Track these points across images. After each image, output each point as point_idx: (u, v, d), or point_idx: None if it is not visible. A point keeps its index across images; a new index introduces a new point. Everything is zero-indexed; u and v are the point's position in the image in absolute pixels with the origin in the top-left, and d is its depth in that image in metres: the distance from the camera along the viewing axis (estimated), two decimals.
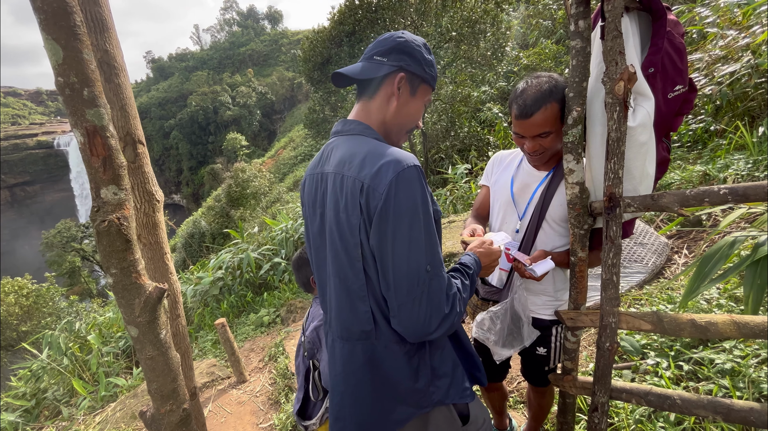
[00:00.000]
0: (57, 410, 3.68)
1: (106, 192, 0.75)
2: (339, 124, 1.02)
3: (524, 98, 1.15)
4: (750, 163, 2.90)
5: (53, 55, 0.66)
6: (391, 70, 0.94)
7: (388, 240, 0.82)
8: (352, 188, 0.85)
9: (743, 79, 3.38)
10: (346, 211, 0.86)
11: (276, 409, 2.69)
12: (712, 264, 1.13)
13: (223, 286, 5.28)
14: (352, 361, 0.93)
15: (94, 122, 0.71)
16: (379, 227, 0.82)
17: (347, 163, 0.89)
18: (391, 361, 0.91)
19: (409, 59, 0.95)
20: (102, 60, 1.21)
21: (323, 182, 0.97)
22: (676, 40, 1.05)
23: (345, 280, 0.91)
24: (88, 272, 30.84)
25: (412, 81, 0.97)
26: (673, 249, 2.86)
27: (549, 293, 1.36)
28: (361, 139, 0.93)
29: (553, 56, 7.66)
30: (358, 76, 0.94)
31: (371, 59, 0.96)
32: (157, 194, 1.37)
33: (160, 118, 63.67)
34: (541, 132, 1.16)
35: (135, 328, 0.84)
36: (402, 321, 0.85)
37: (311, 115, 11.12)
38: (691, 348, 1.89)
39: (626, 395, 1.18)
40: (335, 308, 0.95)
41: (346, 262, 0.89)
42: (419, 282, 0.82)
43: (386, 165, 0.83)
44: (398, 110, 0.97)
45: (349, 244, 0.87)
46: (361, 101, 1.00)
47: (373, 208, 0.82)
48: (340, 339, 0.96)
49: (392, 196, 0.81)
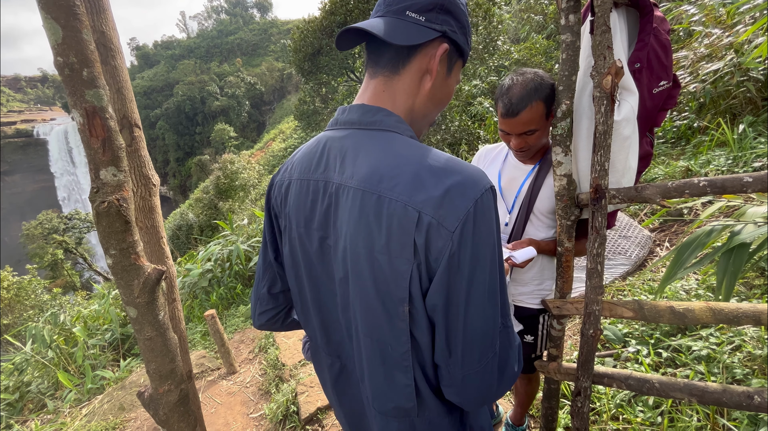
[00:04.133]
0: (42, 403, 3.62)
1: (105, 173, 0.75)
2: (354, 110, 0.70)
3: (510, 96, 1.16)
4: (730, 159, 3.00)
5: (52, 35, 0.66)
6: (432, 37, 0.65)
7: (460, 297, 0.59)
8: (401, 219, 0.58)
9: (726, 78, 3.48)
10: (388, 251, 0.60)
11: (266, 399, 2.71)
12: (690, 251, 1.18)
13: (212, 278, 5.25)
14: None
15: (93, 103, 0.70)
16: (450, 279, 0.58)
17: (386, 179, 0.60)
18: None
19: (455, 24, 0.67)
20: (99, 41, 1.18)
21: (329, 196, 0.68)
22: (661, 37, 1.08)
23: (380, 343, 0.67)
24: (71, 265, 30.14)
25: (451, 55, 0.70)
26: (656, 242, 2.96)
27: (537, 283, 1.40)
28: (397, 140, 0.65)
29: (543, 51, 7.73)
30: (390, 39, 0.62)
31: (402, 15, 0.65)
32: (153, 178, 1.37)
33: (145, 107, 62.15)
34: (526, 130, 1.19)
35: (134, 309, 0.85)
36: (465, 393, 0.65)
37: (302, 107, 11.02)
38: (670, 337, 1.97)
39: (608, 380, 1.23)
40: (366, 371, 0.71)
41: (383, 320, 0.64)
42: (493, 343, 0.63)
43: (459, 188, 0.57)
44: (433, 92, 0.70)
45: (389, 298, 0.62)
46: (380, 77, 0.69)
47: (435, 250, 0.58)
48: (373, 408, 0.74)
49: (470, 234, 0.57)
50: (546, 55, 7.66)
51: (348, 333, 0.75)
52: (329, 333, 0.80)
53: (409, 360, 0.66)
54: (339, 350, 0.80)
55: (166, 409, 0.95)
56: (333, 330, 0.79)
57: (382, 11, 0.67)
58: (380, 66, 0.69)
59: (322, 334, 0.81)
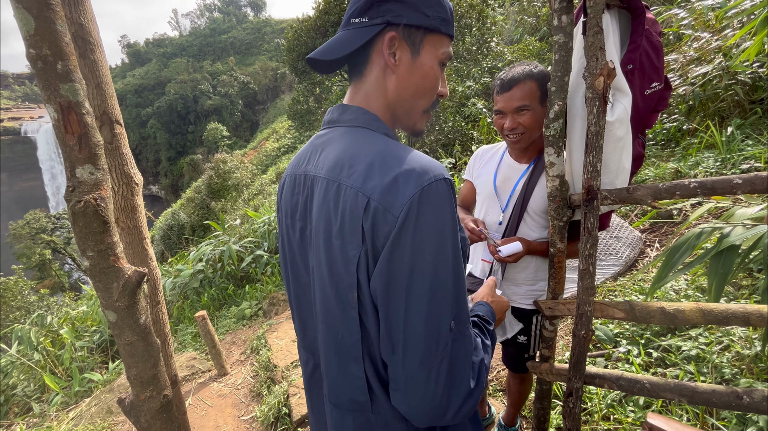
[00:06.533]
0: (27, 406, 3.55)
1: (81, 171, 0.72)
2: (335, 110, 0.74)
3: (505, 75, 1.25)
4: (719, 161, 3.04)
5: (24, 25, 0.63)
6: (374, 33, 0.66)
7: (401, 285, 0.57)
8: (353, 204, 0.59)
9: (714, 81, 3.53)
10: (341, 236, 0.61)
11: (258, 401, 2.68)
12: (680, 254, 1.18)
13: (204, 279, 5.19)
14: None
15: (68, 98, 0.67)
16: (390, 265, 0.57)
17: (346, 167, 0.63)
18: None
19: (397, 7, 0.66)
20: (76, 34, 1.14)
21: (307, 188, 0.71)
22: (653, 38, 1.09)
23: (334, 331, 0.67)
24: (59, 265, 29.65)
25: (411, 36, 0.68)
26: (646, 243, 2.98)
27: (530, 284, 1.40)
28: (367, 135, 0.68)
29: (536, 53, 7.78)
30: (327, 57, 0.68)
31: (348, 25, 0.70)
32: (136, 177, 1.32)
33: (136, 105, 61.44)
34: (520, 105, 1.22)
35: (113, 313, 0.82)
36: (409, 400, 0.61)
37: (295, 106, 10.96)
38: (660, 337, 1.98)
39: (599, 380, 1.23)
40: (323, 362, 0.72)
41: (336, 307, 0.64)
42: (439, 346, 0.59)
43: (405, 175, 0.58)
44: (401, 83, 0.69)
45: (341, 283, 0.63)
46: (353, 82, 0.74)
47: (382, 236, 0.58)
48: (329, 402, 0.73)
49: (412, 220, 0.56)
50: (539, 56, 7.71)
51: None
52: (305, 329, 0.81)
53: (360, 350, 0.64)
54: (313, 347, 0.79)
55: (147, 416, 0.92)
56: (308, 326, 0.79)
57: (340, 27, 0.72)
58: (351, 74, 0.74)
59: (299, 328, 0.82)
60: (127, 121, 58.25)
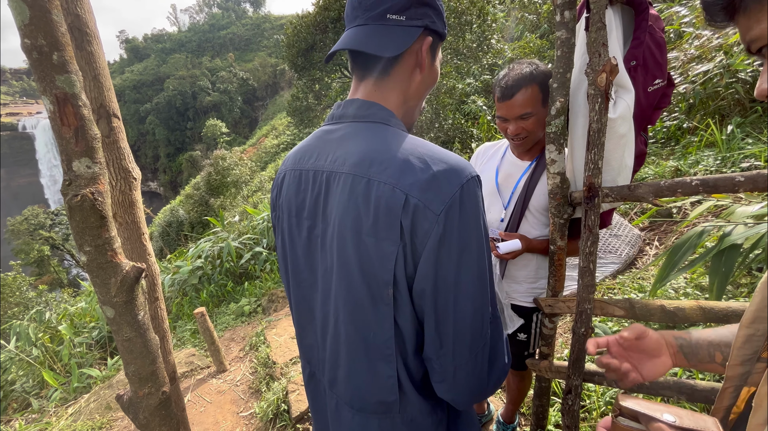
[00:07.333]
0: (26, 402, 3.54)
1: (78, 165, 0.71)
2: (348, 105, 0.71)
3: (506, 80, 1.20)
4: (719, 160, 3.03)
5: (19, 15, 0.61)
6: (417, 35, 0.66)
7: (449, 283, 0.58)
8: (389, 200, 0.58)
9: (715, 79, 3.52)
10: (375, 232, 0.60)
11: (257, 398, 2.68)
12: (681, 253, 1.18)
13: (203, 275, 5.18)
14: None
15: (64, 89, 0.66)
16: (437, 264, 0.58)
17: (376, 163, 0.61)
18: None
19: (432, 13, 0.67)
20: (73, 25, 1.12)
21: (319, 183, 0.69)
22: (656, 35, 1.08)
23: (362, 329, 0.65)
24: (57, 261, 29.61)
25: (435, 42, 0.71)
26: (645, 241, 2.98)
27: (531, 281, 1.40)
28: (388, 130, 0.66)
29: (537, 50, 7.75)
30: (380, 52, 0.64)
31: (383, 19, 0.65)
32: (134, 171, 1.31)
33: (135, 101, 61.17)
34: (522, 113, 1.19)
35: (111, 309, 0.81)
36: (457, 387, 0.64)
37: (294, 103, 10.92)
38: None
39: (598, 378, 1.23)
40: (344, 366, 0.70)
41: (368, 306, 0.63)
42: (483, 332, 0.62)
43: (445, 173, 0.58)
44: (422, 84, 0.72)
45: (374, 280, 0.61)
46: (370, 79, 0.70)
47: (421, 232, 0.58)
48: (349, 407, 0.71)
49: (456, 218, 0.57)
50: (539, 54, 7.69)
51: (322, 334, 0.74)
52: (303, 335, 0.80)
53: (392, 348, 0.64)
54: (309, 355, 0.80)
55: (146, 413, 0.91)
56: (307, 332, 0.79)
57: (361, 18, 0.67)
58: (369, 70, 0.70)
59: (298, 332, 0.82)
60: (126, 117, 57.97)
